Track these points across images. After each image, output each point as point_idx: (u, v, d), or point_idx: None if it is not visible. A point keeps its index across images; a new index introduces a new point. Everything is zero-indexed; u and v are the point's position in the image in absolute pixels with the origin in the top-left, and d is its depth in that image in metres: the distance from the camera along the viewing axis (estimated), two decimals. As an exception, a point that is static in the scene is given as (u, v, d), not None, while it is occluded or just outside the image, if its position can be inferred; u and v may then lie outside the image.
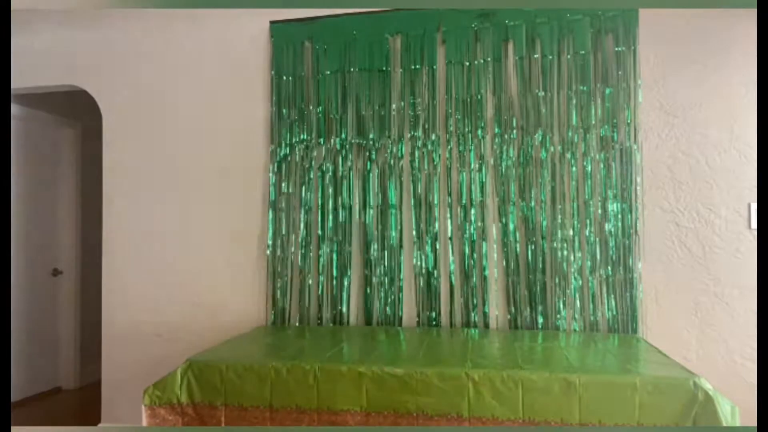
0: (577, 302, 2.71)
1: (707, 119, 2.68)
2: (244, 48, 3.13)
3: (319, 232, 2.98)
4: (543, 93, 2.78)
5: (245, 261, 3.07)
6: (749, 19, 2.63)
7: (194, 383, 2.04)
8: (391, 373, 1.94)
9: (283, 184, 3.02)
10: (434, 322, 2.84)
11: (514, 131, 2.80)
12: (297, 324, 2.96)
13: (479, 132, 2.83)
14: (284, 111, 3.04)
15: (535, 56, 2.80)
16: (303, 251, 2.98)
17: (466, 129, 2.84)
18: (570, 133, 2.75)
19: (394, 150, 2.91)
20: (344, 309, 2.91)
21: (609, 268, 2.69)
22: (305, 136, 3.01)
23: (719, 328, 2.63)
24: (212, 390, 2.03)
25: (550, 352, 2.23)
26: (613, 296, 2.68)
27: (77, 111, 4.29)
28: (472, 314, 2.80)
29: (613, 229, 2.69)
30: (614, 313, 2.67)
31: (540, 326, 2.72)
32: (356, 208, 2.95)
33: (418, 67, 2.91)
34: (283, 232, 3.00)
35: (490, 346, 2.33)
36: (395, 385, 1.93)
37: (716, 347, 2.63)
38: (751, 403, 2.54)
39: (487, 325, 2.79)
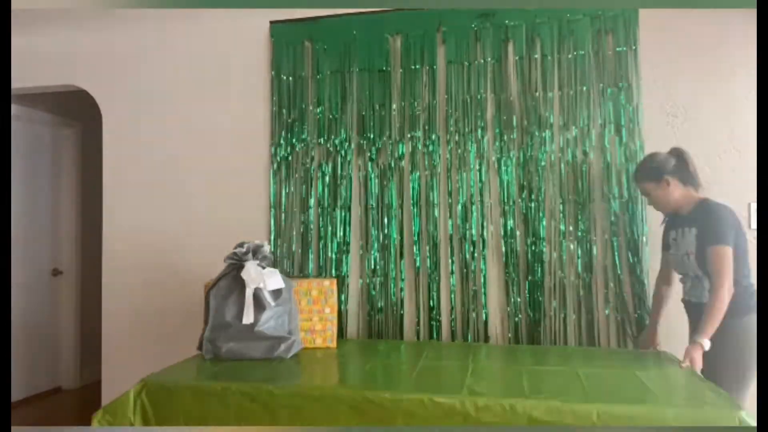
0: (578, 303, 2.71)
1: (707, 119, 2.67)
2: (244, 48, 3.13)
3: (320, 232, 2.98)
4: (543, 93, 2.78)
5: (245, 261, 3.06)
6: (749, 19, 2.63)
7: (148, 406, 1.85)
8: (372, 399, 1.64)
9: (283, 184, 3.02)
10: (434, 322, 2.84)
11: (515, 131, 2.80)
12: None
13: (479, 132, 2.83)
14: (284, 111, 3.04)
15: (535, 56, 2.80)
16: (303, 251, 2.98)
17: (466, 129, 2.84)
18: (570, 133, 2.75)
19: (394, 150, 2.91)
20: (343, 308, 2.90)
21: (610, 268, 2.69)
22: (305, 136, 3.01)
23: (719, 328, 2.62)
24: (169, 413, 1.82)
25: (559, 373, 1.99)
26: (614, 297, 2.68)
27: (77, 111, 4.29)
28: (472, 315, 2.80)
29: (613, 229, 2.69)
30: (616, 314, 2.67)
31: (541, 326, 2.72)
32: (356, 208, 2.95)
33: (418, 67, 2.90)
34: (283, 232, 3.00)
35: (491, 366, 2.17)
36: (378, 414, 1.65)
37: (716, 347, 2.62)
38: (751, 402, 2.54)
39: (487, 326, 2.78)
